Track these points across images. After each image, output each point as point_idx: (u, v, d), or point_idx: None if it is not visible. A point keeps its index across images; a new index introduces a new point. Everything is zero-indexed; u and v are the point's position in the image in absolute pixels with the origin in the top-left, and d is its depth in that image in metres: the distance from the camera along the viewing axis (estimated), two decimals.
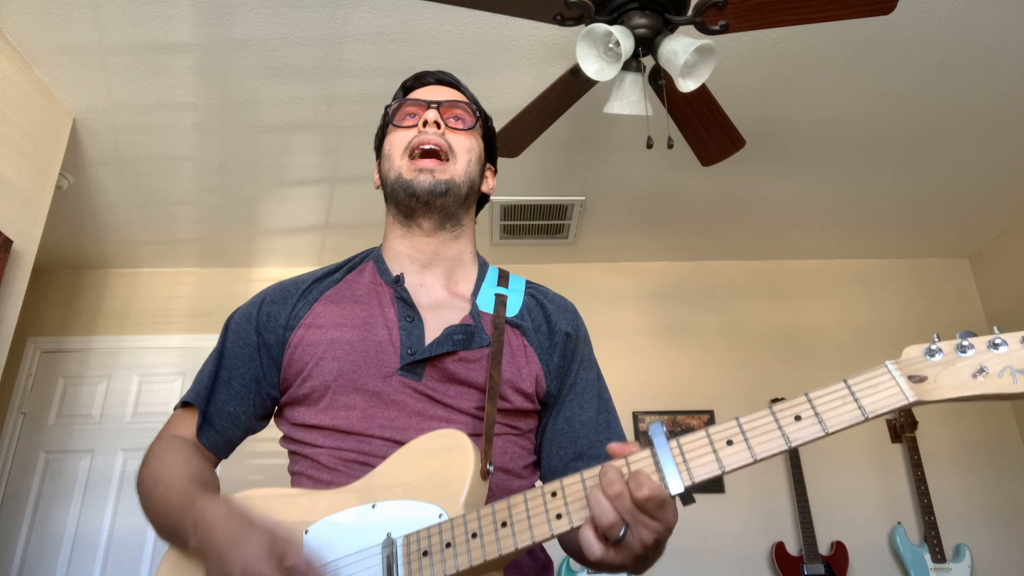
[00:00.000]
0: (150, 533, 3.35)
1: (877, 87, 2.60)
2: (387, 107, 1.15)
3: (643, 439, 0.77)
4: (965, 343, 0.69)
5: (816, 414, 0.70)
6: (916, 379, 0.68)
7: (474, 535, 0.77)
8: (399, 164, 1.05)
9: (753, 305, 3.88)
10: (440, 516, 0.81)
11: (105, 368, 3.66)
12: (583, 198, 3.35)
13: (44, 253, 2.73)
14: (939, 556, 3.14)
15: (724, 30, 1.83)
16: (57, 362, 3.68)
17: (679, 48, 1.79)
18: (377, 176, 1.14)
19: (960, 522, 3.33)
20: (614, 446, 0.76)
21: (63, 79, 2.49)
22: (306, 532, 0.85)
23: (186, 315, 3.76)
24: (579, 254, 3.89)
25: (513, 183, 3.21)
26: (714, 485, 3.44)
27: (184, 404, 1.05)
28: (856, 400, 0.69)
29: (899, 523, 3.31)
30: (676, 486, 0.71)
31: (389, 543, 0.80)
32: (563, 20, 1.82)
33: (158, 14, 2.22)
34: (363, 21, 2.26)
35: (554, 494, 0.76)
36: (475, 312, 1.03)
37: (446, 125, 1.08)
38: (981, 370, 0.67)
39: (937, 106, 2.70)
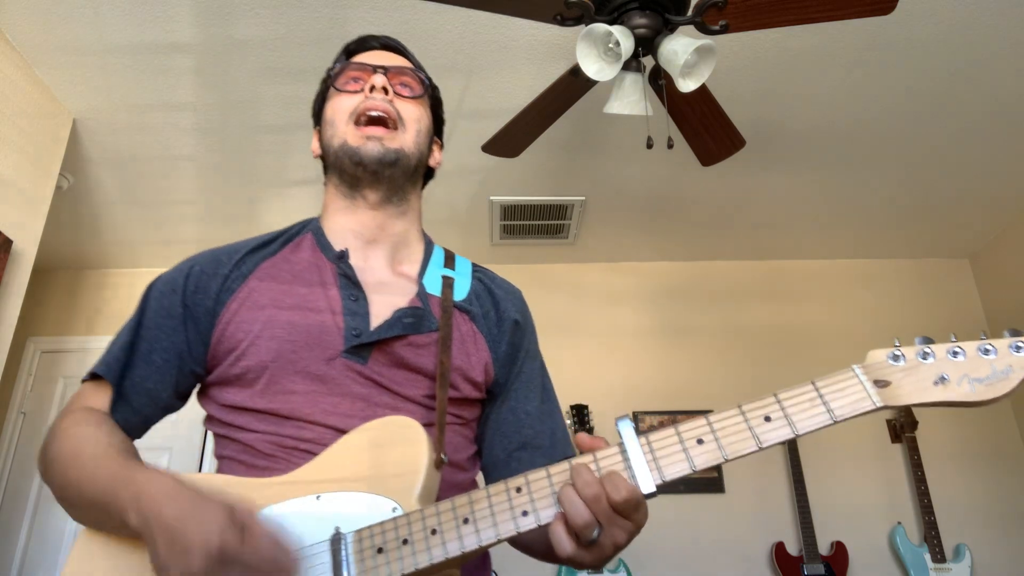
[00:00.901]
0: None
1: (877, 87, 2.60)
2: (329, 70, 1.07)
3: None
4: (927, 350, 0.71)
5: (786, 415, 0.70)
6: (881, 383, 0.70)
7: (434, 531, 0.73)
8: (344, 130, 0.99)
9: (753, 305, 3.88)
10: (394, 510, 0.76)
11: None
12: (583, 198, 3.35)
13: (44, 253, 2.73)
14: (939, 556, 3.14)
15: (724, 30, 1.83)
16: (57, 362, 3.68)
17: (679, 48, 1.79)
18: (316, 143, 1.07)
19: (960, 522, 3.33)
20: (583, 438, 0.75)
21: (63, 79, 2.49)
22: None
23: None
24: (579, 254, 3.89)
25: (513, 183, 3.21)
26: (714, 485, 3.44)
27: (94, 376, 0.93)
28: (825, 403, 0.70)
29: (899, 523, 3.30)
30: (647, 485, 0.70)
31: (338, 538, 0.75)
32: (563, 20, 1.82)
33: (158, 14, 2.22)
34: (363, 21, 2.26)
35: (519, 490, 0.73)
36: (423, 294, 0.97)
37: (394, 92, 1.01)
38: (942, 378, 0.69)
39: (937, 106, 2.70)
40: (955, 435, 3.55)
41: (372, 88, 0.99)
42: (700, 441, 0.71)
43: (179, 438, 3.48)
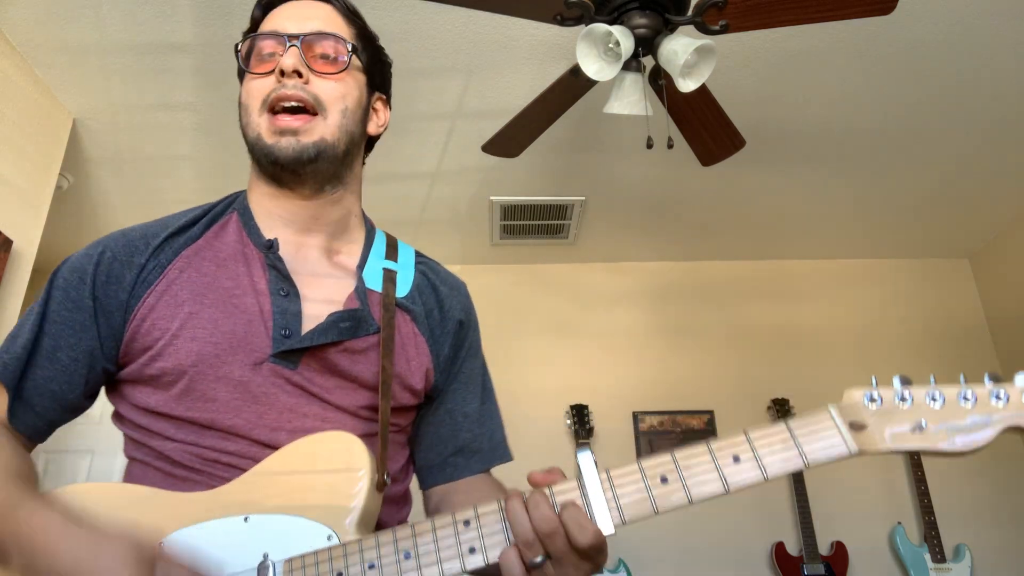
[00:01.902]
0: None
1: (877, 87, 2.60)
2: (237, 44, 0.93)
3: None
4: (905, 393, 0.66)
5: (755, 456, 0.65)
6: (856, 426, 0.65)
7: (371, 566, 0.66)
8: (257, 121, 0.86)
9: (753, 305, 3.88)
10: (329, 538, 0.70)
11: None
12: (583, 198, 3.35)
13: (44, 253, 2.73)
14: (939, 556, 3.14)
15: (724, 30, 1.83)
16: None
17: (679, 48, 1.79)
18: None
19: (960, 522, 3.33)
20: (535, 476, 0.68)
21: (63, 79, 2.49)
22: (162, 544, 0.70)
23: None
24: (579, 254, 3.89)
25: (513, 183, 3.21)
26: None
27: None
28: (798, 446, 0.65)
29: (899, 523, 3.30)
30: (606, 526, 0.64)
31: (265, 566, 0.69)
32: (563, 20, 1.82)
33: (158, 14, 2.22)
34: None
35: (467, 523, 0.67)
36: (361, 290, 0.88)
37: (310, 69, 0.87)
38: (919, 426, 0.65)
39: (937, 106, 2.70)
40: None
41: (283, 72, 0.85)
42: (664, 479, 0.65)
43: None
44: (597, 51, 1.82)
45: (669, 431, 3.56)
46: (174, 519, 0.72)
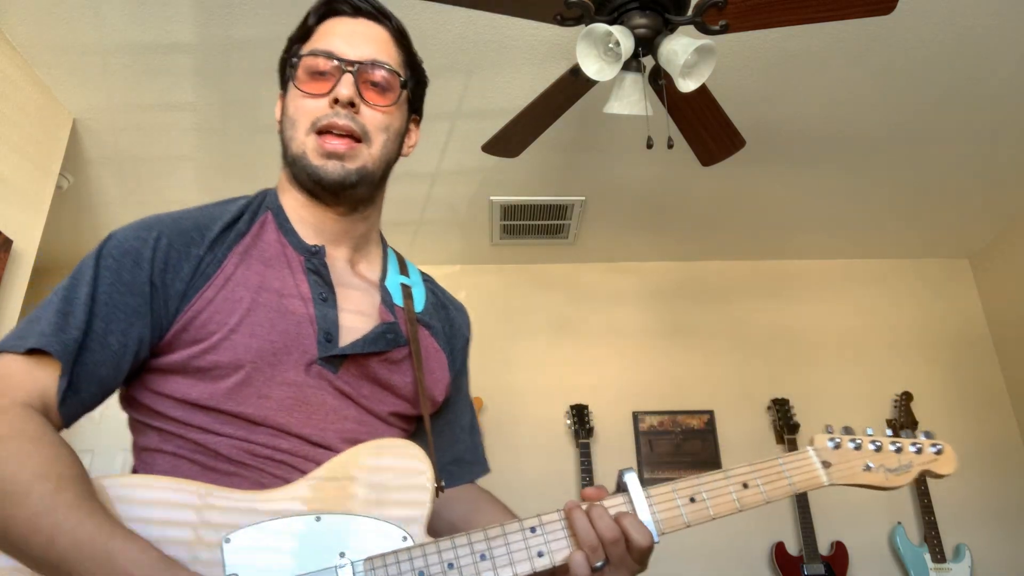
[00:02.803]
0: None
1: (877, 87, 2.60)
2: (290, 53, 0.94)
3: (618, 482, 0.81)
4: (857, 440, 0.88)
5: (759, 485, 0.84)
6: (827, 464, 0.86)
7: (451, 565, 0.72)
8: (303, 140, 0.89)
9: (753, 305, 3.88)
10: (404, 539, 0.73)
11: None
12: (583, 198, 3.35)
13: (44, 253, 2.74)
14: (939, 556, 3.14)
15: (724, 30, 1.83)
16: None
17: (679, 48, 1.79)
18: (279, 112, 0.96)
19: (960, 522, 3.33)
20: (588, 491, 0.79)
21: (63, 79, 2.49)
22: (226, 540, 0.70)
23: None
24: (579, 254, 3.89)
25: (513, 183, 3.21)
26: None
27: (29, 351, 0.74)
28: (788, 477, 0.85)
29: (899, 523, 3.30)
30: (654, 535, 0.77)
31: (346, 565, 0.70)
32: (563, 20, 1.82)
33: (158, 14, 2.22)
34: None
35: (533, 530, 0.75)
36: (389, 303, 0.92)
37: (362, 99, 0.89)
38: (867, 467, 0.87)
39: (936, 106, 2.70)
40: (955, 435, 3.54)
41: (337, 100, 0.88)
42: (692, 499, 0.80)
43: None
44: (597, 51, 1.82)
45: (669, 431, 3.56)
46: (239, 515, 0.71)
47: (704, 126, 2.21)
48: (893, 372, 3.67)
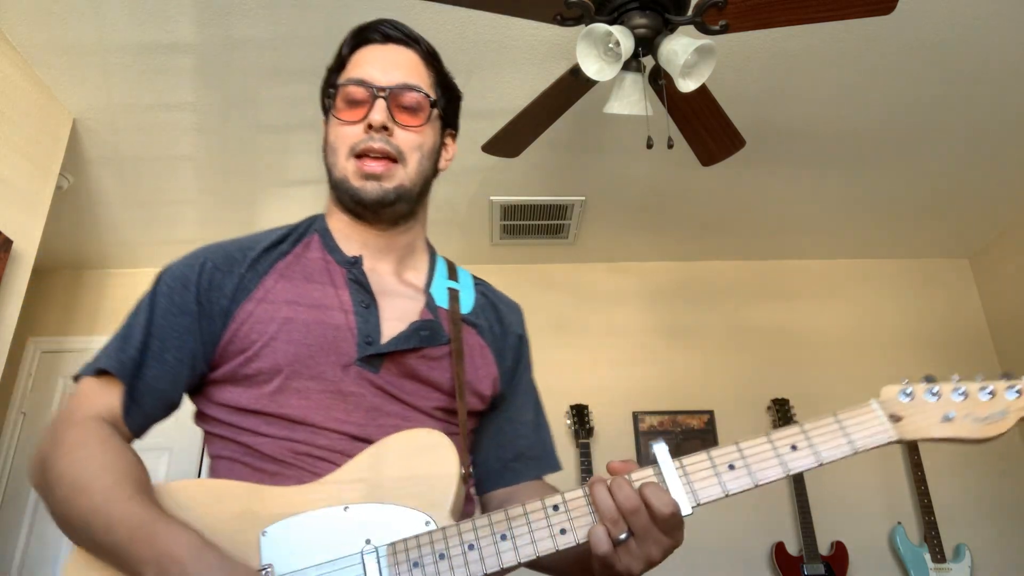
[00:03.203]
0: None
1: (877, 87, 2.60)
2: (327, 83, 1.02)
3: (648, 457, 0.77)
4: (934, 389, 0.77)
5: (811, 445, 0.74)
6: (895, 418, 0.76)
7: (471, 547, 0.72)
8: (344, 165, 0.96)
9: (753, 305, 3.88)
10: (428, 524, 0.75)
11: None
12: (583, 198, 3.35)
13: (44, 253, 2.73)
14: (939, 556, 3.14)
15: (724, 30, 1.83)
16: (57, 362, 3.68)
17: (679, 48, 1.79)
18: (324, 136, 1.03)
19: (960, 522, 3.33)
20: (614, 464, 0.76)
21: (63, 79, 2.49)
22: (263, 533, 0.75)
23: None
24: (579, 254, 3.89)
25: (513, 183, 3.21)
26: None
27: (98, 372, 0.87)
28: (846, 435, 0.75)
29: (899, 523, 3.30)
30: (684, 507, 0.72)
31: (371, 551, 0.73)
32: (563, 20, 1.82)
33: (158, 14, 2.22)
34: (363, 21, 2.26)
35: (556, 508, 0.74)
36: (432, 306, 0.97)
37: (395, 122, 0.96)
38: (947, 417, 0.75)
39: (937, 106, 2.70)
40: None
41: (371, 125, 0.94)
42: (731, 467, 0.74)
43: (178, 438, 3.41)
44: (597, 51, 1.82)
45: (669, 431, 3.56)
46: (275, 509, 0.76)
47: (704, 126, 2.21)
48: (893, 372, 3.64)
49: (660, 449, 0.75)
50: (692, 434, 3.55)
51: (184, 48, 2.36)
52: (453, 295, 1.01)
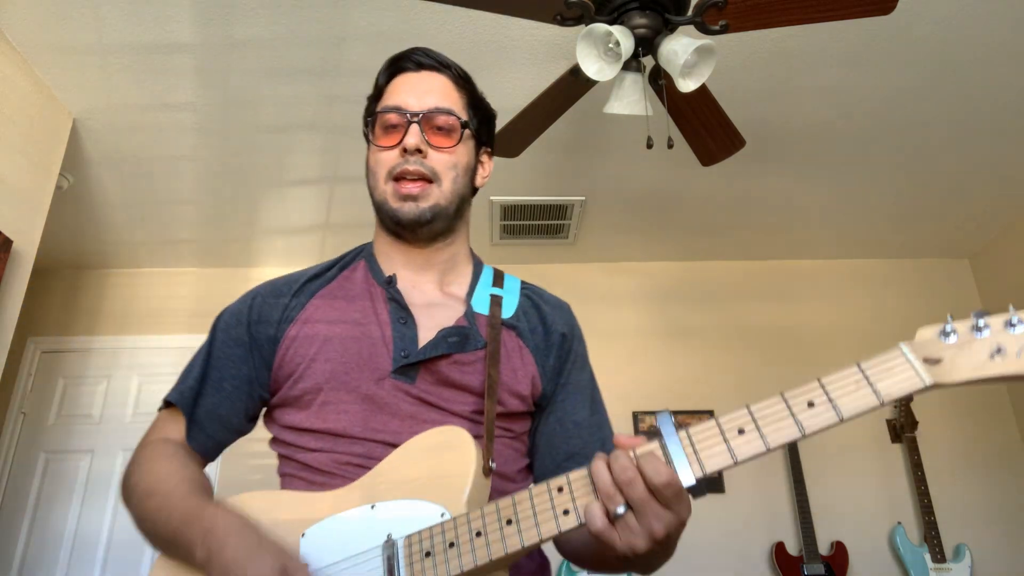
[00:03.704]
0: None
1: (877, 87, 2.60)
2: (367, 112, 1.08)
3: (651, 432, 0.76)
4: (980, 323, 0.66)
5: (829, 399, 0.67)
6: (932, 361, 0.66)
7: (478, 534, 0.74)
8: (383, 188, 1.02)
9: (753, 305, 3.88)
10: (442, 515, 0.78)
11: (105, 368, 3.66)
12: (583, 198, 3.35)
13: (44, 253, 2.73)
14: (939, 556, 3.14)
15: (724, 30, 1.83)
16: (57, 362, 3.68)
17: (679, 48, 1.79)
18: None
19: (960, 522, 3.33)
20: (621, 438, 0.73)
21: (63, 79, 2.49)
22: (303, 535, 0.83)
23: (186, 315, 3.76)
24: (579, 254, 3.89)
25: (513, 183, 3.21)
26: (714, 484, 3.44)
27: (168, 404, 1.01)
28: (871, 384, 0.67)
29: (899, 523, 3.30)
30: (687, 477, 0.68)
31: (390, 544, 0.78)
32: (563, 20, 1.82)
33: (158, 14, 2.22)
34: (363, 21, 2.26)
35: (560, 489, 0.73)
36: (469, 313, 1.01)
37: (428, 144, 1.01)
38: (998, 350, 0.64)
39: (937, 106, 2.70)
40: (955, 435, 3.55)
41: (405, 150, 1.00)
42: (741, 431, 0.68)
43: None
44: (597, 51, 1.82)
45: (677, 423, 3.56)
46: (316, 514, 0.84)
47: (704, 126, 2.21)
48: None
49: (663, 419, 0.71)
50: None
51: (184, 48, 2.36)
52: (495, 301, 1.04)
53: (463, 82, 1.10)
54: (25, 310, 2.51)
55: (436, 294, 1.04)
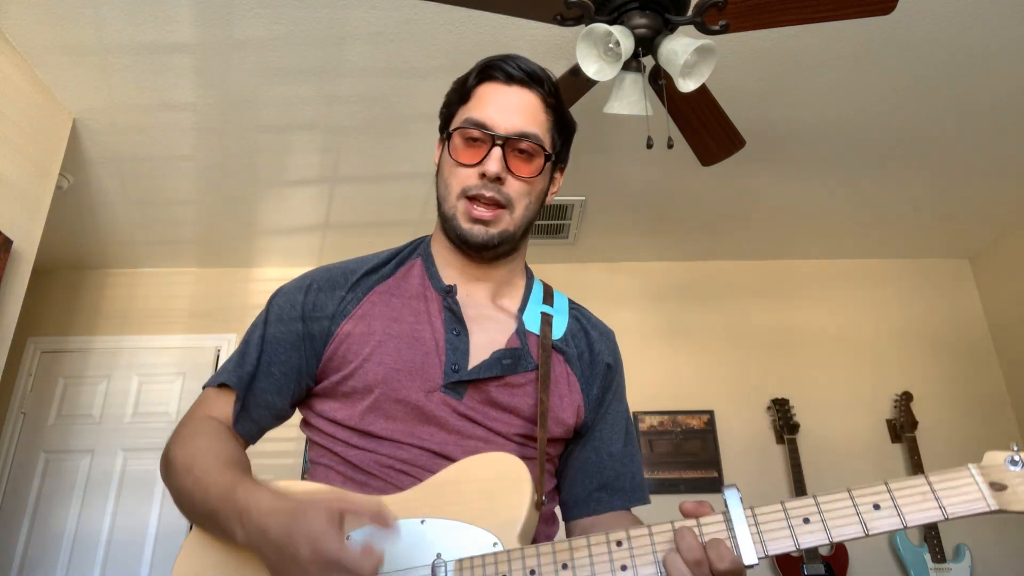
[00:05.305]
0: (150, 532, 3.35)
1: (877, 87, 2.60)
2: (449, 112, 1.06)
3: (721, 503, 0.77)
4: None
5: (895, 506, 0.70)
6: (997, 487, 0.69)
7: (532, 572, 0.74)
8: (455, 203, 1.00)
9: (753, 305, 3.88)
10: (495, 545, 0.78)
11: (105, 368, 3.66)
12: (583, 198, 3.35)
13: (44, 253, 2.74)
14: (939, 556, 3.14)
15: (724, 30, 1.83)
16: (57, 362, 3.68)
17: (679, 48, 1.79)
18: (437, 157, 1.08)
19: (960, 522, 3.32)
20: (687, 506, 0.76)
21: (63, 79, 2.49)
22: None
23: (186, 315, 3.76)
24: (579, 254, 3.89)
25: None
26: (714, 485, 3.44)
27: (220, 385, 0.99)
28: (937, 499, 0.70)
29: None
30: (749, 557, 0.71)
31: (439, 564, 0.78)
32: (563, 20, 1.82)
33: (158, 14, 2.22)
34: (363, 21, 2.26)
35: (619, 543, 0.74)
36: (522, 331, 1.01)
37: (508, 170, 0.99)
38: None
39: (937, 106, 2.70)
40: (955, 435, 3.55)
41: (484, 175, 0.98)
42: (806, 520, 0.72)
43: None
44: (597, 51, 1.82)
45: (669, 431, 3.56)
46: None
47: (704, 126, 2.21)
48: (893, 372, 3.67)
49: (731, 495, 0.74)
50: (692, 434, 3.56)
51: (184, 48, 2.37)
52: (546, 319, 1.04)
53: (552, 100, 1.05)
54: (25, 310, 2.51)
55: (489, 307, 1.04)
